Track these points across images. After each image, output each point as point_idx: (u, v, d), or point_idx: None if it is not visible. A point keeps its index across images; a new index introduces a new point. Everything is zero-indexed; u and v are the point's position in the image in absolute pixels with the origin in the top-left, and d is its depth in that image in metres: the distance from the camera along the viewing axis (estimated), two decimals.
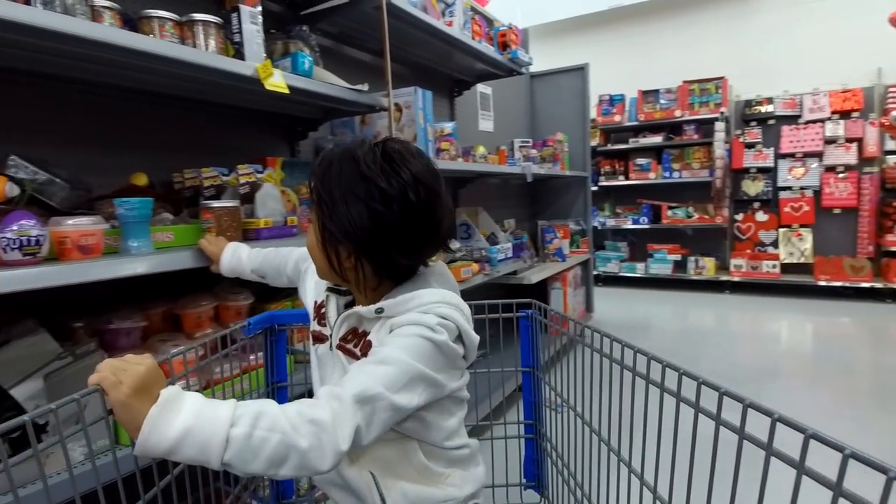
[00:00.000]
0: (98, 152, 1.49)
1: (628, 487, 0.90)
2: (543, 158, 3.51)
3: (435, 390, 0.79)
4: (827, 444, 0.52)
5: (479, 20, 2.71)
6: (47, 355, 1.07)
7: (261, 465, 0.65)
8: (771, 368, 3.21)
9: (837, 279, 4.98)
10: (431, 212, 0.82)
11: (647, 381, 0.84)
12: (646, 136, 5.85)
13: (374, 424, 0.71)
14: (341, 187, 0.79)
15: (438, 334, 0.77)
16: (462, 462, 0.90)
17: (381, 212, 0.77)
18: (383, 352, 0.75)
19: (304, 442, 0.65)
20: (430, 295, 0.81)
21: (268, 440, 0.64)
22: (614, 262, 5.98)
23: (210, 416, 0.64)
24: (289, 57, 1.63)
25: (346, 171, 0.79)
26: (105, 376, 0.65)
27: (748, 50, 5.66)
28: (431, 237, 0.84)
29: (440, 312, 0.79)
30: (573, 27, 6.45)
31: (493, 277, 2.64)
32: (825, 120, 5.13)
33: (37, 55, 1.19)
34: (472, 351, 0.85)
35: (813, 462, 0.54)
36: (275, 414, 0.66)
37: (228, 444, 0.63)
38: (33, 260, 0.97)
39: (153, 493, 0.81)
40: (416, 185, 0.79)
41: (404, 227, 0.79)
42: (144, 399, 0.64)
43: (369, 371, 0.73)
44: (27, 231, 0.95)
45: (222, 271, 1.26)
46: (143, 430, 0.62)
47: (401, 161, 0.80)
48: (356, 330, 0.87)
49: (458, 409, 0.89)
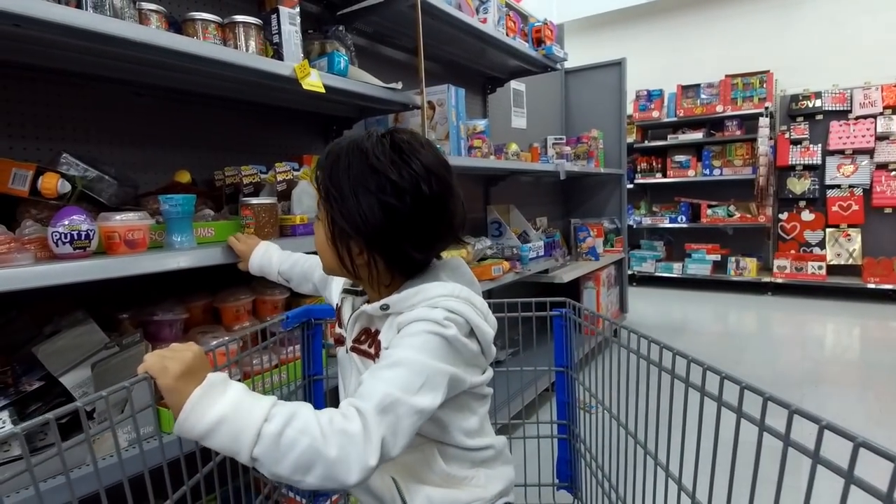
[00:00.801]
0: (144, 151, 1.54)
1: (665, 492, 0.88)
2: (577, 156, 3.46)
3: (455, 384, 0.76)
4: (878, 454, 0.50)
5: (513, 16, 2.69)
6: (94, 345, 1.11)
7: (287, 468, 0.63)
8: (815, 374, 3.09)
9: (887, 282, 4.76)
10: (444, 204, 0.79)
11: (687, 384, 0.82)
12: (685, 133, 5.70)
13: (400, 433, 0.67)
14: (350, 181, 0.77)
15: (447, 328, 0.74)
16: (487, 462, 0.86)
17: (393, 205, 0.75)
18: (394, 354, 0.72)
19: (332, 451, 0.63)
20: (438, 288, 0.78)
21: (297, 442, 0.63)
22: (650, 261, 5.85)
23: (247, 409, 0.64)
24: (325, 57, 1.65)
25: (354, 164, 0.77)
26: (152, 364, 0.67)
27: (794, 42, 5.45)
28: (445, 230, 0.82)
29: (448, 306, 0.76)
30: (610, 21, 6.34)
31: (524, 276, 2.62)
32: (877, 115, 4.90)
33: (87, 57, 1.24)
34: (489, 347, 0.82)
35: (861, 472, 0.52)
36: (307, 417, 0.65)
37: (259, 439, 0.63)
38: (83, 254, 1.00)
39: (196, 478, 0.84)
40: (428, 177, 0.77)
41: (417, 220, 0.77)
42: (190, 382, 0.66)
43: (384, 377, 0.70)
44: (78, 226, 0.99)
45: (251, 270, 1.26)
46: (184, 410, 0.63)
47: (410, 152, 0.77)
48: (369, 330, 0.85)
49: (479, 405, 0.86)
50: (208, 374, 0.67)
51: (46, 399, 1.05)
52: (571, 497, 1.32)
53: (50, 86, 1.33)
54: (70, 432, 0.98)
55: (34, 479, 0.59)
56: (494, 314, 0.85)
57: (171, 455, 0.79)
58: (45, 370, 1.05)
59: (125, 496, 0.69)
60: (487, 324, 0.82)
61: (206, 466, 0.86)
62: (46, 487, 0.91)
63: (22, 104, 1.29)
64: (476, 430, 0.85)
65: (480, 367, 0.84)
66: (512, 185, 3.29)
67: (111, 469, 0.98)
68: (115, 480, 0.70)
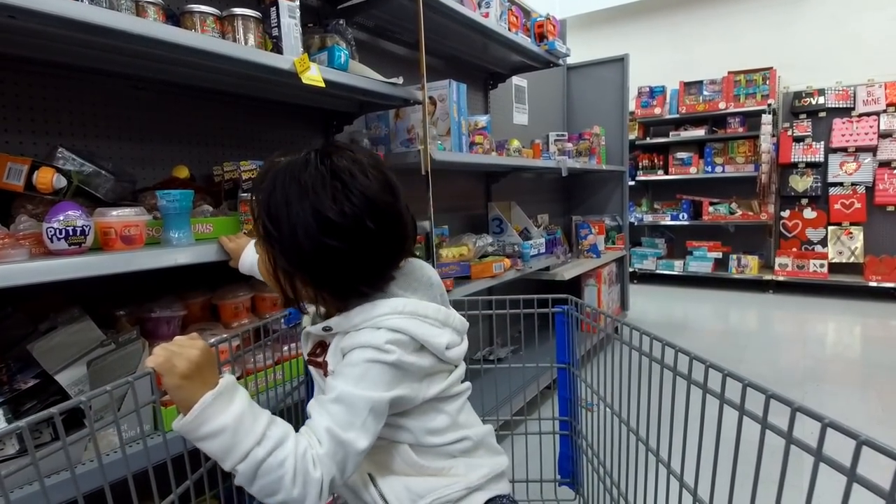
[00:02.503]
0: (141, 145, 1.53)
1: (667, 489, 0.87)
2: (579, 152, 3.44)
3: (403, 402, 0.78)
4: (881, 452, 0.49)
5: (515, 11, 2.67)
6: (91, 342, 1.10)
7: (256, 488, 0.69)
8: (817, 372, 3.08)
9: (889, 280, 4.74)
10: (392, 233, 0.76)
11: (689, 381, 0.81)
12: (687, 130, 5.68)
13: (346, 470, 0.73)
14: (290, 219, 0.72)
15: (389, 354, 0.73)
16: (465, 453, 0.85)
17: (336, 248, 0.72)
18: (338, 388, 0.73)
19: (296, 491, 0.69)
20: (380, 307, 0.76)
21: (272, 472, 0.68)
22: (651, 258, 5.84)
23: (247, 427, 0.68)
24: (325, 51, 1.64)
25: (293, 201, 0.72)
26: (160, 361, 0.69)
27: (798, 39, 5.42)
28: (397, 255, 0.80)
29: (391, 326, 0.74)
30: (613, 17, 6.31)
31: (525, 273, 2.61)
32: (880, 112, 4.87)
33: (84, 50, 1.23)
34: (452, 352, 0.81)
35: (863, 470, 0.51)
36: (288, 451, 0.69)
37: (246, 459, 0.67)
38: (78, 250, 0.99)
39: (199, 473, 0.84)
40: (372, 211, 0.73)
41: (364, 256, 0.74)
42: (196, 381, 0.68)
43: (329, 411, 0.73)
44: (73, 221, 0.97)
45: (241, 269, 1.24)
46: (192, 412, 0.66)
47: (352, 183, 0.72)
48: (324, 343, 0.84)
49: (447, 405, 0.84)
50: (220, 379, 0.70)
51: (41, 397, 1.04)
52: (573, 493, 1.31)
53: (46, 79, 1.32)
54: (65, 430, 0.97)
55: (39, 472, 0.60)
56: (496, 311, 0.84)
57: (164, 454, 0.78)
58: (40, 368, 1.04)
59: (120, 495, 0.68)
60: (448, 328, 0.81)
61: (209, 461, 0.86)
62: (48, 483, 0.90)
63: (18, 97, 1.28)
64: (444, 427, 0.83)
65: (443, 372, 0.83)
66: (513, 182, 3.27)
67: (110, 467, 0.97)
68: (113, 479, 0.69)
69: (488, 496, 0.85)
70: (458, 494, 0.81)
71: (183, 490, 0.80)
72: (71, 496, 0.87)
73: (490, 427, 0.91)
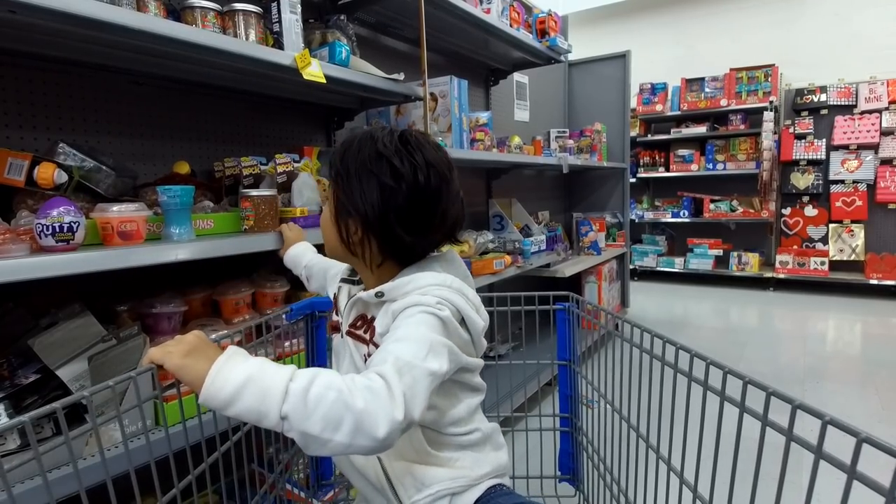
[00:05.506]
0: (143, 141, 1.53)
1: (667, 485, 0.87)
2: (580, 149, 3.44)
3: (455, 357, 0.78)
4: (881, 449, 0.50)
5: (517, 7, 2.66)
6: (91, 337, 1.10)
7: (317, 424, 0.63)
8: (817, 370, 3.08)
9: (890, 278, 4.74)
10: (438, 197, 0.84)
11: (690, 378, 0.81)
12: (689, 127, 5.66)
13: (417, 394, 0.68)
14: (357, 164, 0.83)
15: (441, 311, 0.77)
16: (473, 446, 0.88)
17: (390, 188, 0.80)
18: (396, 333, 0.75)
19: (359, 403, 0.63)
20: (429, 278, 0.82)
21: (324, 396, 0.63)
22: (651, 256, 5.83)
23: (272, 370, 0.66)
24: (326, 46, 1.63)
25: (364, 149, 0.83)
26: (155, 352, 0.71)
27: (800, 36, 5.40)
28: (437, 222, 0.85)
29: (439, 294, 0.79)
30: (615, 14, 6.29)
31: (525, 270, 2.61)
32: (882, 110, 4.86)
33: (85, 45, 1.22)
34: (479, 339, 0.85)
35: (863, 468, 0.52)
36: (330, 376, 0.66)
37: (287, 396, 0.63)
38: (67, 246, 0.98)
39: (202, 468, 0.84)
40: (427, 169, 0.82)
41: (410, 207, 0.81)
42: (199, 357, 0.69)
43: (391, 349, 0.72)
44: (60, 218, 0.96)
45: (285, 258, 1.32)
46: (209, 374, 0.65)
47: (416, 146, 0.83)
48: (365, 316, 0.89)
49: (467, 395, 0.88)
50: (229, 346, 0.70)
51: (42, 392, 1.05)
52: (573, 489, 1.31)
53: (47, 74, 1.32)
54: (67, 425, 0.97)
55: (42, 466, 0.60)
56: (497, 307, 0.86)
57: (166, 448, 0.78)
58: (42, 363, 1.04)
59: (122, 489, 0.68)
60: (479, 317, 0.85)
61: (211, 456, 0.86)
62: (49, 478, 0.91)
63: (18, 93, 1.28)
64: (462, 418, 0.87)
65: (471, 356, 0.86)
66: (514, 179, 3.27)
67: (111, 462, 0.97)
68: (114, 474, 0.70)
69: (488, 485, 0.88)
70: (461, 489, 0.84)
71: (185, 485, 0.80)
72: (73, 491, 0.87)
73: (496, 424, 0.94)
